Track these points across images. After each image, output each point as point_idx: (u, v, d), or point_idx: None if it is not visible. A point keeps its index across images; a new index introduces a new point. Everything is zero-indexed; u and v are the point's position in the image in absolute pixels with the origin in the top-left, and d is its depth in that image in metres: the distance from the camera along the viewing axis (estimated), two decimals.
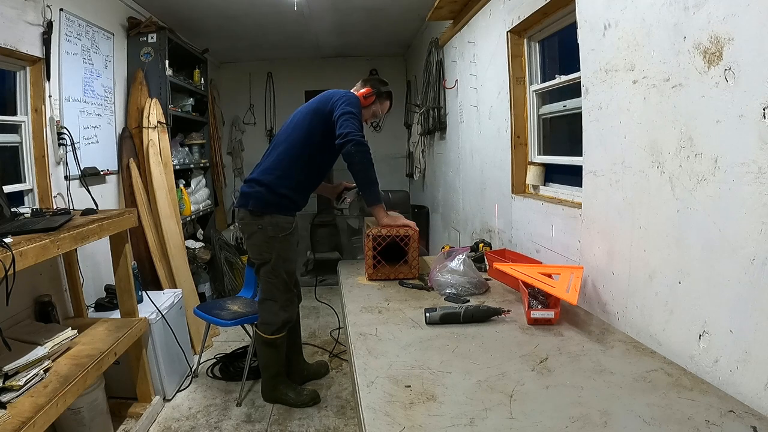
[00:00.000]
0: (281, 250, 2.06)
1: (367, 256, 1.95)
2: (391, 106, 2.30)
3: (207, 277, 3.82)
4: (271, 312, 2.14)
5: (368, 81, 2.21)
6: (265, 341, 2.16)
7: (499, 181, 2.44)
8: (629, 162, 1.33)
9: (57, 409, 1.47)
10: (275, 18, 3.81)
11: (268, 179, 2.03)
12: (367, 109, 2.18)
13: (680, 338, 1.14)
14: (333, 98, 2.02)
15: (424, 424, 0.91)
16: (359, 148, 1.90)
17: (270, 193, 2.02)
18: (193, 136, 4.05)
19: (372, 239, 1.91)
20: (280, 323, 2.13)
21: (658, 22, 1.17)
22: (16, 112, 2.20)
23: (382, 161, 5.72)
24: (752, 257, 0.93)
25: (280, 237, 2.03)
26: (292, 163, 2.04)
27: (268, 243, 2.04)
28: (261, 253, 2.08)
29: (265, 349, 2.20)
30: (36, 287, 2.05)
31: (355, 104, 2.00)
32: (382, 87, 2.20)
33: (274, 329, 2.13)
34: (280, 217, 2.04)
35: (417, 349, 1.26)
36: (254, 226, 2.04)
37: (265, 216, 2.02)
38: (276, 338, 2.15)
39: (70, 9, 2.44)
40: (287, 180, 2.03)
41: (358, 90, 2.17)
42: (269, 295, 2.13)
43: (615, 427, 0.89)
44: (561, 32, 1.96)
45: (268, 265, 2.07)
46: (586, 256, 1.59)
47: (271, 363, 2.23)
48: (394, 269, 1.96)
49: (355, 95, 2.09)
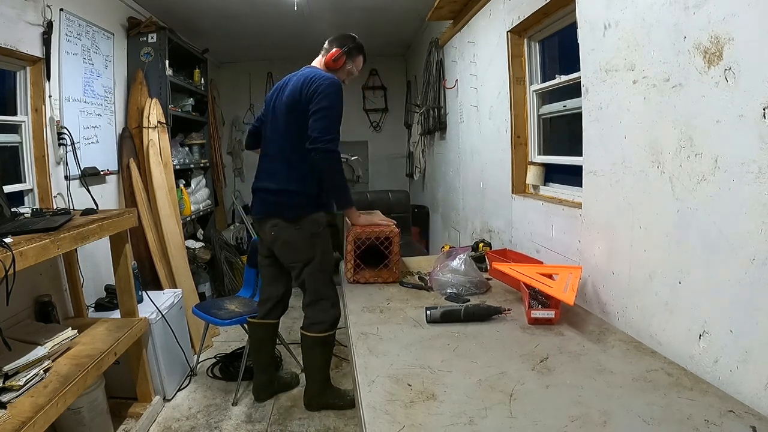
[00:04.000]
0: (323, 245, 2.01)
1: (347, 259, 1.90)
2: (365, 60, 2.15)
3: (207, 277, 3.82)
4: (324, 310, 2.05)
5: (335, 40, 2.06)
6: (317, 340, 2.07)
7: (499, 180, 2.44)
8: (629, 162, 1.33)
9: (57, 409, 1.47)
10: (275, 18, 3.81)
11: (290, 184, 1.95)
12: (340, 71, 2.06)
13: (680, 338, 1.14)
14: (312, 85, 1.88)
15: (424, 423, 0.91)
16: (324, 156, 1.84)
17: (299, 197, 1.95)
18: (193, 136, 4.05)
19: (353, 242, 1.86)
20: (332, 319, 2.06)
21: (658, 22, 1.17)
22: (16, 112, 2.20)
23: (382, 161, 5.75)
24: (752, 257, 0.93)
25: (320, 232, 1.99)
26: (301, 161, 1.94)
27: (311, 241, 1.98)
28: (304, 254, 2.00)
29: (319, 349, 2.11)
30: (36, 287, 2.04)
31: (332, 95, 1.86)
32: (351, 43, 2.06)
33: (328, 326, 2.06)
34: (315, 215, 1.98)
35: (418, 348, 1.26)
36: (292, 229, 1.97)
37: (303, 218, 1.96)
38: (328, 335, 2.07)
39: (70, 9, 2.44)
40: (307, 179, 1.95)
41: (327, 52, 2.04)
42: (319, 295, 2.05)
43: (615, 426, 0.89)
44: (561, 32, 1.96)
45: (313, 263, 2.00)
46: (586, 256, 1.59)
47: (323, 364, 2.15)
48: (374, 273, 1.89)
49: (331, 82, 1.90)
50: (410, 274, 1.99)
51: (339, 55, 2.02)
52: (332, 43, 2.07)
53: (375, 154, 5.76)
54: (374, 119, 5.68)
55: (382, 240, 1.88)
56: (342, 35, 2.10)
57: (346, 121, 2.13)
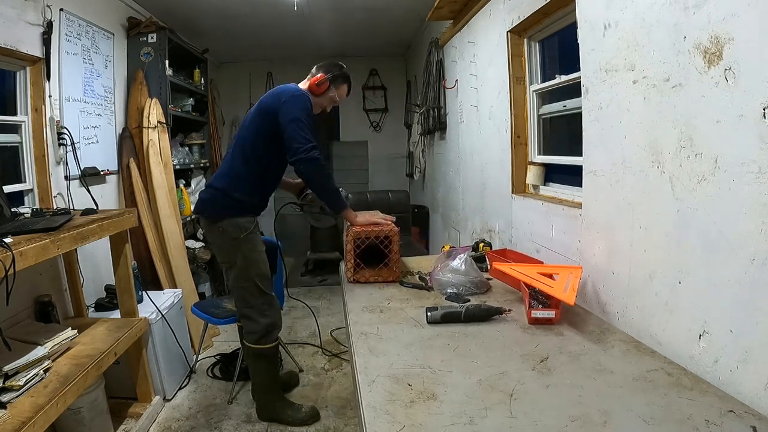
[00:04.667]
0: (246, 251, 1.97)
1: (346, 259, 1.91)
2: (350, 90, 2.15)
3: (207, 276, 3.82)
4: (250, 318, 2.04)
5: (322, 66, 2.06)
6: (252, 352, 2.06)
7: (499, 180, 2.44)
8: (629, 162, 1.33)
9: (57, 409, 1.47)
10: (275, 18, 3.81)
11: (223, 184, 1.97)
12: (322, 97, 2.05)
13: (680, 338, 1.14)
14: (280, 99, 1.91)
15: (424, 423, 0.91)
16: (309, 165, 1.84)
17: (225, 198, 1.95)
18: (193, 136, 4.06)
19: (352, 241, 1.87)
20: (262, 330, 2.03)
21: (658, 22, 1.17)
22: (16, 112, 2.20)
23: (382, 161, 5.75)
24: (752, 257, 0.93)
25: (242, 237, 1.96)
26: (244, 166, 1.97)
27: (233, 245, 1.97)
28: (227, 257, 2.01)
29: (253, 362, 2.10)
30: (36, 287, 2.05)
31: (300, 106, 1.88)
32: (336, 71, 2.05)
33: (258, 337, 2.03)
34: (239, 219, 1.97)
35: (418, 348, 1.26)
36: (216, 230, 1.98)
37: (224, 219, 1.96)
38: (263, 348, 2.04)
39: (70, 9, 2.44)
40: (241, 184, 1.96)
41: (312, 77, 2.04)
42: (244, 302, 2.04)
43: (615, 426, 0.89)
44: (561, 32, 1.96)
45: (235, 268, 2.00)
46: (586, 256, 1.59)
47: (262, 377, 2.12)
48: (374, 272, 1.90)
49: (301, 94, 1.93)
50: (410, 274, 1.99)
51: (323, 80, 2.02)
52: (319, 68, 2.06)
53: (375, 154, 5.76)
54: (374, 119, 5.67)
55: (381, 239, 1.88)
56: (330, 62, 2.09)
57: (346, 121, 2.14)
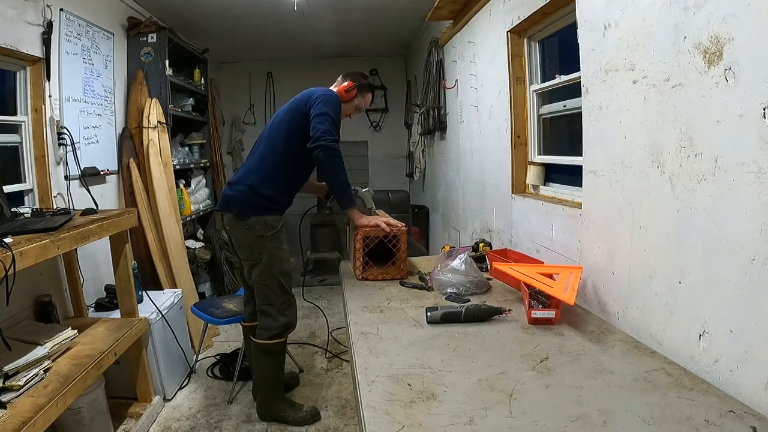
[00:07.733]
0: (272, 249, 2.00)
1: (355, 257, 1.93)
2: (373, 98, 2.27)
3: (207, 276, 3.82)
4: (270, 316, 2.05)
5: (349, 75, 2.17)
6: (261, 348, 2.06)
7: (499, 180, 2.44)
8: (629, 162, 1.33)
9: (57, 409, 1.47)
10: (275, 18, 3.81)
11: (251, 180, 1.99)
12: (349, 104, 2.15)
13: (680, 338, 1.14)
14: (312, 96, 1.99)
15: (424, 423, 0.91)
16: (327, 153, 1.86)
17: (254, 195, 1.97)
18: (193, 136, 4.06)
19: (362, 239, 1.89)
20: (279, 328, 2.05)
21: (658, 22, 1.17)
22: (16, 112, 2.20)
23: (382, 161, 5.75)
24: (752, 257, 0.93)
25: (269, 235, 1.98)
26: (274, 163, 2.00)
27: (258, 243, 1.99)
28: (252, 254, 2.02)
29: (261, 358, 2.09)
30: (36, 287, 2.05)
31: (332, 103, 1.96)
32: (363, 80, 2.17)
33: (272, 334, 2.04)
34: (267, 217, 1.99)
35: (418, 348, 1.26)
36: (242, 227, 1.99)
37: (251, 217, 1.97)
38: (273, 343, 2.05)
39: (70, 9, 2.44)
40: (270, 180, 1.99)
41: (340, 84, 2.14)
42: (266, 299, 2.04)
43: (614, 426, 0.89)
44: (561, 32, 1.96)
45: (260, 265, 2.01)
46: (586, 256, 1.59)
47: (269, 374, 2.13)
48: (382, 270, 1.93)
49: (333, 94, 2.05)
50: (410, 274, 1.99)
51: (351, 87, 2.12)
52: (346, 77, 2.17)
53: (375, 154, 5.76)
54: (374, 119, 5.68)
55: (390, 238, 1.91)
56: (356, 72, 2.21)
57: (346, 121, 2.17)
